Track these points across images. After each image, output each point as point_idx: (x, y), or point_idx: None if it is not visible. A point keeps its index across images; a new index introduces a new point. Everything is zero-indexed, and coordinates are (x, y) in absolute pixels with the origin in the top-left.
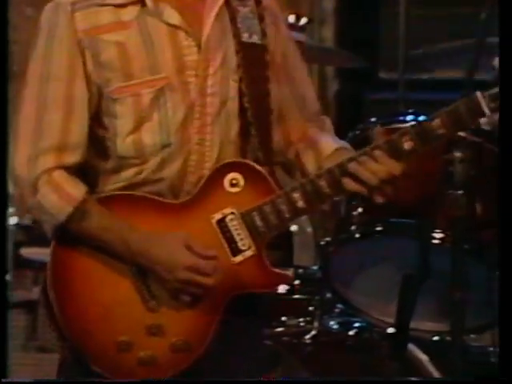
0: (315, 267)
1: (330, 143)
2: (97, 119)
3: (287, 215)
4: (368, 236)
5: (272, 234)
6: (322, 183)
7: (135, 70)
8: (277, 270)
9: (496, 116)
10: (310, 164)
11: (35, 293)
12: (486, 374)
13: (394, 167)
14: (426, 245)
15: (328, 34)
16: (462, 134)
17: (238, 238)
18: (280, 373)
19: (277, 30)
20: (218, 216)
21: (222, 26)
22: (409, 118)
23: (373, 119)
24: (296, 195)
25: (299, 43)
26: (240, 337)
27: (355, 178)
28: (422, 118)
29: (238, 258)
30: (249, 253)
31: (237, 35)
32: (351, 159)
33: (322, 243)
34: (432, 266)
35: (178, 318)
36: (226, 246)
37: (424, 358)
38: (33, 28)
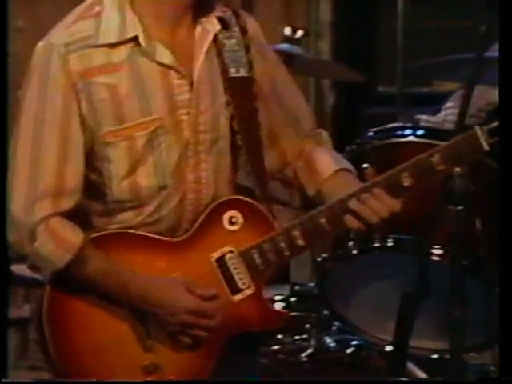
0: (312, 284)
1: (329, 163)
2: (89, 163)
3: (286, 253)
4: (366, 252)
5: (271, 272)
6: (322, 220)
7: (127, 112)
8: (275, 308)
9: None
10: (309, 187)
11: (26, 310)
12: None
13: (394, 205)
14: (424, 261)
15: (325, 46)
16: None
17: (237, 277)
18: None
19: (263, 57)
20: (216, 255)
21: (210, 62)
22: (407, 132)
23: (370, 134)
24: (296, 233)
25: (295, 56)
26: (235, 355)
27: (356, 215)
28: (420, 132)
29: (238, 297)
30: (248, 291)
31: (224, 71)
32: (352, 196)
33: (319, 259)
34: (431, 283)
35: (175, 357)
36: (225, 284)
37: (423, 376)
38: (23, 40)
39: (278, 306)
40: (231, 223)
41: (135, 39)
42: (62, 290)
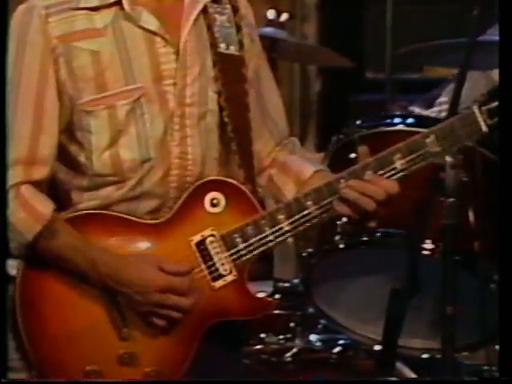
0: (296, 280)
1: (306, 166)
2: (69, 134)
3: (271, 237)
4: (353, 247)
5: (255, 258)
6: (309, 203)
7: (109, 80)
8: (260, 296)
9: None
10: (287, 190)
11: None
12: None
13: (391, 186)
14: (415, 256)
15: (310, 30)
16: None
17: (218, 262)
18: None
19: (251, 41)
20: (197, 238)
21: (199, 33)
22: (396, 120)
23: (358, 122)
24: (281, 216)
25: (280, 41)
26: (215, 356)
27: (347, 201)
28: (410, 120)
29: (219, 283)
30: (230, 278)
31: (214, 45)
32: (340, 179)
33: (304, 254)
34: (421, 279)
35: (152, 346)
36: (205, 270)
37: (413, 376)
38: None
39: None
40: (213, 205)
41: (119, 3)
42: (34, 272)
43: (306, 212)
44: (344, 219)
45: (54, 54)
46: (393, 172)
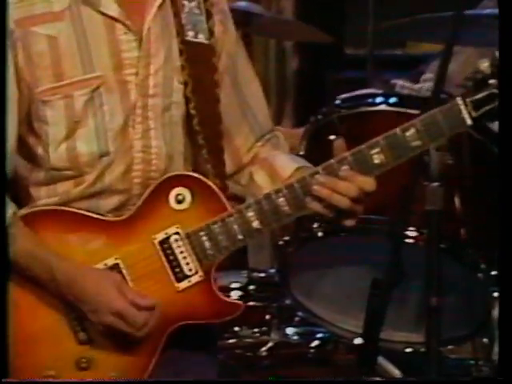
0: (272, 270)
1: (288, 163)
2: (27, 124)
3: (240, 236)
4: (332, 234)
5: (222, 257)
6: (281, 200)
7: (67, 68)
8: (227, 299)
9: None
10: (267, 188)
11: None
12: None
13: (367, 183)
14: (397, 244)
15: (287, 4)
16: None
17: (182, 262)
18: None
19: (224, 30)
20: (160, 236)
21: (165, 20)
22: (378, 100)
23: (337, 102)
24: (250, 214)
25: (254, 15)
26: (188, 353)
27: (320, 198)
28: (393, 99)
29: (183, 285)
30: (195, 278)
31: (181, 33)
32: (313, 174)
33: (280, 243)
34: (405, 269)
35: (111, 351)
36: (169, 270)
37: (396, 372)
38: None
39: (235, 295)
40: (178, 201)
41: None
42: None
43: (277, 209)
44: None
45: (12, 39)
46: (371, 168)
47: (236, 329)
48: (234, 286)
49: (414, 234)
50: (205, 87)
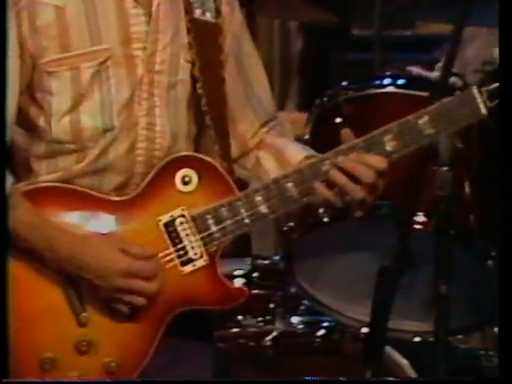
0: (277, 257)
1: (296, 150)
2: (29, 94)
3: (246, 220)
4: (338, 220)
5: (227, 242)
6: (289, 185)
7: (74, 39)
8: (232, 284)
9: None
10: (275, 173)
11: None
12: (475, 380)
13: (379, 161)
14: (405, 230)
15: None
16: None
17: (188, 245)
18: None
19: (231, 10)
20: (165, 218)
21: None
22: (386, 81)
23: (344, 84)
24: (258, 198)
25: None
26: (186, 341)
27: (330, 183)
28: (401, 81)
29: (188, 268)
30: (200, 262)
31: (189, 11)
32: (323, 160)
33: (285, 229)
34: (413, 255)
35: (112, 335)
36: (173, 253)
37: (404, 362)
38: None
39: (238, 283)
40: (184, 183)
41: None
42: None
43: (285, 195)
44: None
45: (17, 8)
46: (382, 155)
47: (239, 318)
48: (237, 273)
49: (422, 219)
50: (212, 67)
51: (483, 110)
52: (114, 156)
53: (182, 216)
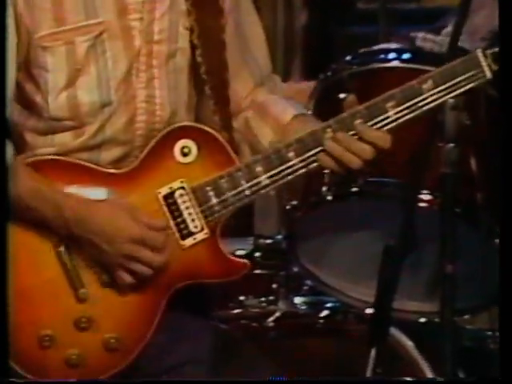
0: (279, 236)
1: (285, 109)
2: (25, 71)
3: (247, 192)
4: (342, 199)
5: (228, 214)
6: (291, 155)
7: (69, 13)
8: (233, 257)
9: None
10: (264, 135)
11: None
12: (482, 363)
13: (382, 139)
14: (410, 208)
15: None
16: None
17: (188, 218)
18: (238, 363)
19: None
20: (165, 190)
21: None
22: (391, 56)
23: (348, 58)
24: (259, 169)
25: None
26: (186, 320)
27: (333, 157)
28: (406, 55)
29: (188, 242)
30: (201, 235)
31: None
32: (326, 128)
33: (288, 207)
34: (418, 234)
35: (112, 310)
36: (173, 226)
37: (409, 343)
38: None
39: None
40: (183, 154)
41: None
42: None
43: (287, 164)
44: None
45: None
46: (385, 122)
47: (241, 298)
48: (239, 253)
49: (427, 197)
50: (211, 33)
51: (488, 73)
52: (112, 130)
53: (182, 188)
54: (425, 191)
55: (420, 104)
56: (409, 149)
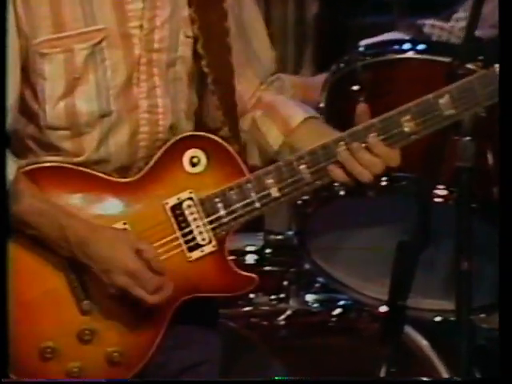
0: (290, 232)
1: (296, 111)
2: (23, 77)
3: (257, 204)
4: (355, 194)
5: (236, 227)
6: (302, 167)
7: (67, 19)
8: (241, 271)
9: None
10: (273, 139)
11: None
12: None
13: (392, 158)
14: (425, 204)
15: None
16: (469, 65)
17: (195, 230)
18: (247, 363)
19: None
20: (172, 201)
21: None
22: (406, 46)
23: (361, 49)
24: (269, 181)
25: None
26: (195, 319)
27: (343, 166)
28: (421, 46)
29: (195, 254)
30: (208, 248)
31: None
32: (338, 141)
33: (299, 202)
34: (433, 230)
35: (116, 323)
36: (180, 238)
37: (424, 343)
38: None
39: (250, 259)
40: (192, 164)
41: None
42: None
43: (298, 177)
44: None
45: None
46: (400, 137)
47: (251, 296)
48: (249, 249)
49: (443, 192)
50: (217, 39)
51: None
52: (115, 144)
53: (190, 199)
54: (440, 186)
55: (435, 120)
56: (423, 142)
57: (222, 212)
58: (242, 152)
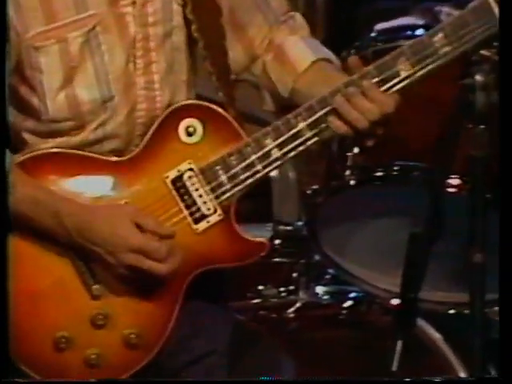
0: (300, 223)
1: (304, 53)
2: (18, 73)
3: (259, 166)
4: (366, 183)
5: (241, 193)
6: (301, 124)
7: (58, 8)
8: (251, 238)
9: None
10: (282, 85)
11: None
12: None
13: (387, 103)
14: (438, 194)
15: None
16: (484, 52)
17: (199, 201)
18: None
19: None
20: (172, 174)
21: None
22: (419, 32)
23: (373, 35)
24: (268, 141)
25: None
26: (203, 312)
27: (340, 116)
28: None
29: (202, 226)
30: (214, 218)
31: None
32: (335, 93)
33: (309, 192)
34: (446, 221)
35: (129, 305)
36: (185, 211)
37: (437, 336)
38: None
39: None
40: (189, 134)
41: None
42: None
43: (296, 134)
44: (356, 149)
45: None
46: (397, 80)
47: (260, 288)
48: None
49: (456, 182)
50: (206, 2)
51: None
52: (113, 124)
53: (190, 170)
54: (453, 175)
55: (431, 58)
56: (436, 130)
57: (225, 179)
58: (238, 116)
